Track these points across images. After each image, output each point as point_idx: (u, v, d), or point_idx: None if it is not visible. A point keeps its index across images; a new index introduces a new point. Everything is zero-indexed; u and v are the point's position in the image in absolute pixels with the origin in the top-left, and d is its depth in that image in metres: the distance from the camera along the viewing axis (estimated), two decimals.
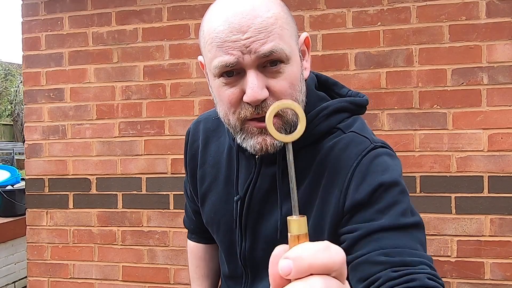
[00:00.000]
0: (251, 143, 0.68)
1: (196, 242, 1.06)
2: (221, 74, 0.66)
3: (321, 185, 0.71)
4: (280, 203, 0.74)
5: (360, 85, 1.87)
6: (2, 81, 18.19)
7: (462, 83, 1.78)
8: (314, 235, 0.69)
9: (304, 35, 0.75)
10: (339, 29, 1.89)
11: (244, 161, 0.80)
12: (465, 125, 1.77)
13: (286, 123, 0.67)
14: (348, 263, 0.61)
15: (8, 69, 18.85)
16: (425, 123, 1.81)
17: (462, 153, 1.77)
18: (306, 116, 0.67)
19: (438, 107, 1.80)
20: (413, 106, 1.82)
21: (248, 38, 0.62)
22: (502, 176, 1.74)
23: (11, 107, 17.91)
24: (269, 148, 0.67)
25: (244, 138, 0.69)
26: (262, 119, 0.65)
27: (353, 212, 0.67)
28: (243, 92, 0.65)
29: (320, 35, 1.91)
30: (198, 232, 1.05)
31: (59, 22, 2.22)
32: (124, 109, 2.14)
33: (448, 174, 1.78)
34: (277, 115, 0.65)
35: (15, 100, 17.53)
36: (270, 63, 0.65)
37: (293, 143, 0.53)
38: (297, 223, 0.36)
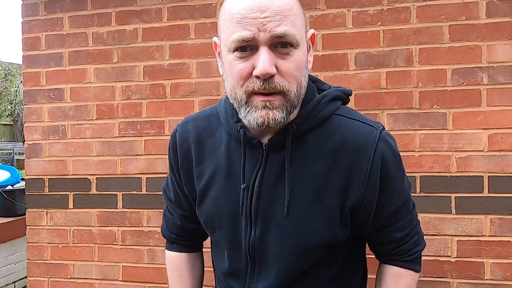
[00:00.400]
0: (255, 116, 0.73)
1: (179, 251, 1.04)
2: (236, 49, 0.71)
3: (338, 170, 0.79)
4: (288, 185, 0.79)
5: (360, 85, 1.87)
6: (2, 81, 18.18)
7: (462, 83, 1.78)
8: (332, 211, 0.80)
9: (311, 31, 0.82)
10: (339, 29, 1.89)
11: (249, 150, 0.82)
12: (465, 125, 1.77)
13: (288, 101, 0.73)
14: (374, 232, 0.87)
15: (8, 69, 18.85)
16: (425, 123, 1.81)
17: (462, 153, 1.77)
18: (308, 102, 0.81)
19: (438, 107, 1.80)
20: (413, 106, 1.82)
21: (266, 18, 0.69)
22: (502, 176, 1.74)
23: (11, 107, 17.90)
24: (270, 122, 0.73)
25: (248, 111, 0.74)
26: (267, 94, 0.72)
27: (373, 196, 0.81)
28: (253, 67, 0.71)
29: (320, 35, 1.91)
30: (181, 240, 1.03)
31: (59, 22, 2.22)
32: (124, 109, 2.14)
33: (448, 174, 1.78)
34: (281, 93, 0.72)
35: (15, 100, 17.53)
36: (281, 45, 0.71)
37: (300, 126, 0.78)
38: None
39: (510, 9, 1.73)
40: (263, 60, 0.69)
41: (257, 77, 0.70)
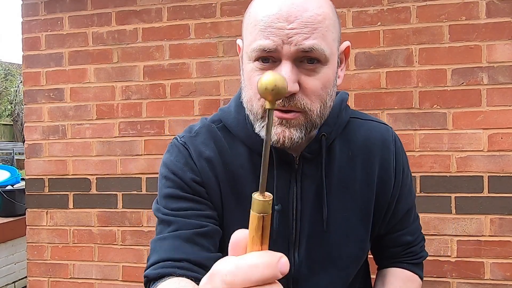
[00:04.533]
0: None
1: (181, 276, 0.70)
2: (257, 59, 0.66)
3: (368, 172, 0.79)
4: (325, 200, 0.76)
5: (360, 85, 1.87)
6: (2, 81, 18.19)
7: (462, 83, 1.78)
8: (369, 214, 0.80)
9: (346, 43, 0.76)
10: None
11: (280, 166, 0.74)
12: (465, 125, 1.77)
13: (308, 121, 0.68)
14: (386, 234, 0.86)
15: (8, 69, 18.85)
16: (425, 123, 1.81)
17: (462, 153, 1.77)
18: (329, 112, 0.76)
19: (438, 107, 1.80)
20: (413, 106, 1.82)
21: (293, 29, 0.62)
22: (502, 176, 1.74)
23: (11, 107, 17.90)
24: (286, 141, 0.67)
25: (263, 127, 0.69)
26: (285, 111, 0.66)
27: (397, 190, 0.81)
28: None
29: None
30: (186, 267, 0.71)
31: (59, 22, 2.22)
32: (124, 109, 2.14)
33: (448, 174, 1.78)
34: (302, 111, 0.66)
35: (15, 100, 17.53)
36: (307, 60, 0.65)
37: (329, 134, 0.78)
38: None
39: (510, 9, 1.73)
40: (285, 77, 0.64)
41: None
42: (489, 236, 1.75)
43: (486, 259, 1.76)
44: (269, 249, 0.66)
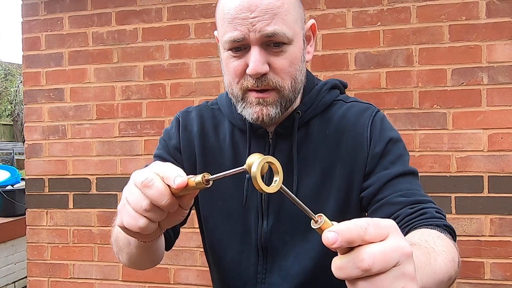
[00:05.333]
0: (250, 111, 0.75)
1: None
2: (230, 48, 0.73)
3: (342, 149, 0.80)
4: (296, 174, 0.80)
5: (360, 85, 1.87)
6: (2, 81, 18.19)
7: (462, 83, 1.78)
8: (345, 192, 0.80)
9: (311, 21, 0.82)
10: (339, 29, 1.89)
11: (255, 140, 0.83)
12: (465, 125, 1.77)
13: (282, 97, 0.75)
14: (372, 206, 0.77)
15: (8, 69, 18.85)
16: (425, 123, 1.81)
17: (462, 153, 1.77)
18: (311, 89, 0.83)
19: (438, 107, 1.80)
20: (413, 106, 1.82)
21: (255, 17, 0.69)
22: (502, 176, 1.74)
23: (11, 107, 17.90)
24: (264, 118, 0.74)
25: (244, 107, 0.76)
26: (260, 90, 0.74)
27: (373, 163, 0.79)
28: (247, 65, 0.72)
29: (320, 35, 1.91)
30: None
31: (59, 22, 2.22)
32: (124, 109, 2.14)
33: (448, 174, 1.78)
34: (275, 89, 0.74)
35: (15, 100, 17.53)
36: (273, 44, 0.72)
37: (305, 112, 0.79)
38: (327, 224, 0.40)
39: (510, 9, 1.73)
40: (254, 60, 0.70)
41: (250, 75, 0.72)
42: (489, 236, 1.75)
43: (486, 259, 1.76)
44: (244, 216, 0.83)
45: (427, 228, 0.70)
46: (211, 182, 0.46)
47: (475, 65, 1.77)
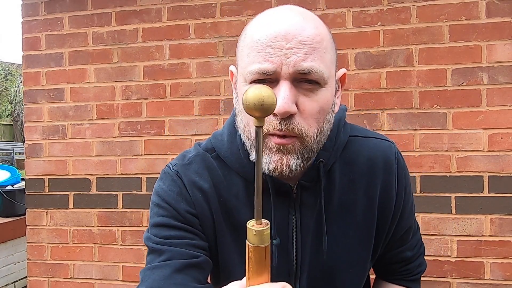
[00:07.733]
0: (268, 160, 0.64)
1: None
2: (254, 80, 0.63)
3: (370, 197, 0.76)
4: (325, 229, 0.72)
5: (360, 85, 1.87)
6: (2, 81, 18.19)
7: (462, 83, 1.78)
8: (370, 237, 0.78)
9: (342, 70, 0.72)
10: (339, 29, 1.89)
11: (277, 197, 0.72)
12: (465, 125, 1.77)
13: (305, 148, 0.65)
14: (385, 252, 0.83)
15: (8, 69, 18.85)
16: (425, 123, 1.81)
17: (462, 153, 1.77)
18: (328, 138, 0.73)
19: (438, 107, 1.80)
20: (413, 106, 1.82)
21: (291, 48, 0.60)
22: (502, 176, 1.74)
23: (11, 107, 17.90)
24: (284, 169, 0.63)
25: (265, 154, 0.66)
26: (283, 136, 0.63)
27: (397, 214, 0.79)
28: None
29: None
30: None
31: (59, 22, 2.22)
32: (124, 109, 2.14)
33: (448, 174, 1.78)
34: (298, 137, 0.63)
35: (15, 100, 17.52)
36: (306, 80, 0.62)
37: (328, 159, 0.74)
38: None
39: (510, 9, 1.73)
40: (284, 97, 0.60)
41: (274, 115, 0.60)
42: (489, 236, 1.75)
43: (486, 259, 1.75)
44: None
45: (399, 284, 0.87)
46: None
47: (475, 65, 1.77)
